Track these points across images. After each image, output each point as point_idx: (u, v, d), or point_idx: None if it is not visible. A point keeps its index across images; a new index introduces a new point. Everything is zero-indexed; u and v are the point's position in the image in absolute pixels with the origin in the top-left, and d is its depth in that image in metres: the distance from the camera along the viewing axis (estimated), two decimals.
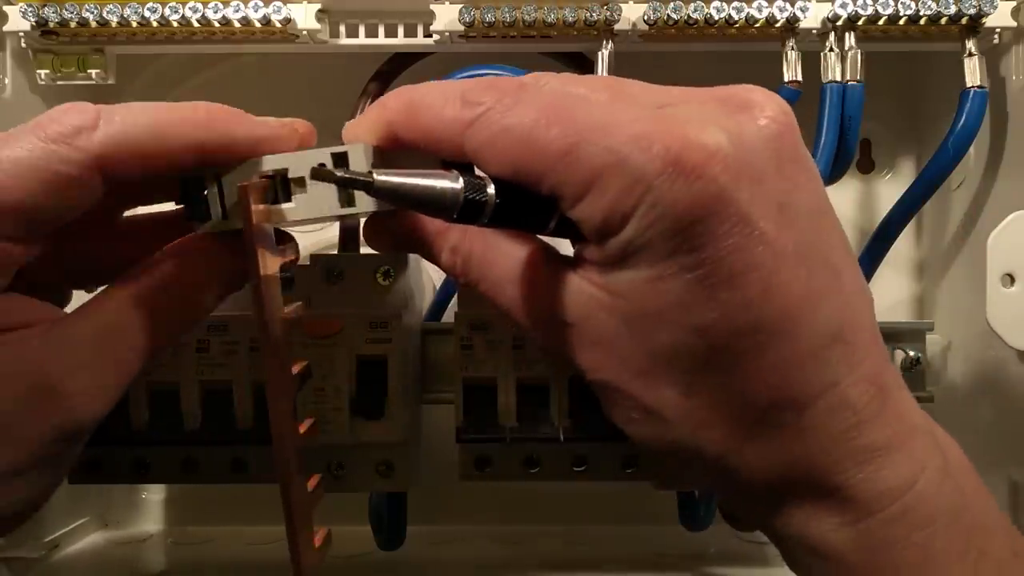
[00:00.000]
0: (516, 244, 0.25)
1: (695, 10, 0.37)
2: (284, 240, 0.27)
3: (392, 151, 0.26)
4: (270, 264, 0.25)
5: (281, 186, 0.25)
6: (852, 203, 0.47)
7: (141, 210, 0.31)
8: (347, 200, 0.25)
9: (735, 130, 0.21)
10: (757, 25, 0.38)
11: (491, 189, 0.23)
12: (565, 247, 0.25)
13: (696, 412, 0.23)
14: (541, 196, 0.23)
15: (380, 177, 0.22)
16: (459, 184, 0.22)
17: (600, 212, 0.22)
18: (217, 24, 0.38)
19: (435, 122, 0.24)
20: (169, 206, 0.29)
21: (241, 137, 0.26)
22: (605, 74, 0.38)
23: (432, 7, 0.38)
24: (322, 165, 0.25)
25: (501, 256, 0.25)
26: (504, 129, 0.22)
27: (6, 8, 0.38)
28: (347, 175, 0.22)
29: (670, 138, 0.21)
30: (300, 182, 0.25)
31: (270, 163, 0.26)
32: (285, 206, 0.26)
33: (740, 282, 0.21)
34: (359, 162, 0.25)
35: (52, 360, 0.25)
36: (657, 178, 0.21)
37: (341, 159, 0.25)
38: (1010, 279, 0.35)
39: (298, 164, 0.25)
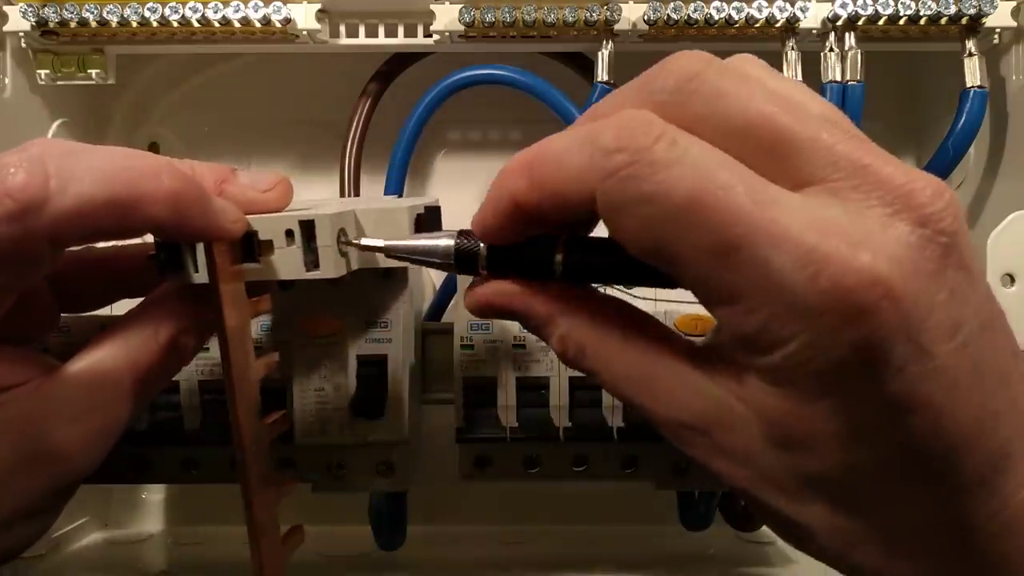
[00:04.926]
0: (632, 338, 0.22)
1: (695, 10, 0.37)
2: (259, 292, 0.27)
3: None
4: (241, 317, 0.26)
5: (252, 246, 0.26)
6: None
7: None
8: (312, 264, 0.26)
9: (906, 253, 0.18)
10: (757, 25, 0.38)
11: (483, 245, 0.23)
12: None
13: (848, 532, 0.21)
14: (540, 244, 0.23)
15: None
16: (452, 240, 0.24)
17: (745, 327, 0.19)
18: (217, 24, 0.38)
19: (559, 174, 0.20)
20: None
21: (190, 231, 0.25)
22: (605, 75, 0.38)
23: (432, 7, 0.38)
24: (289, 231, 0.26)
25: (617, 351, 0.22)
26: (647, 198, 0.19)
27: (6, 8, 0.38)
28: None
29: (837, 267, 0.18)
30: (268, 245, 0.26)
31: None
32: (252, 266, 0.26)
33: (906, 421, 0.19)
34: (324, 232, 0.26)
35: (45, 417, 0.25)
36: (820, 317, 0.18)
37: (308, 227, 0.26)
38: (1010, 279, 0.35)
39: (267, 228, 0.26)
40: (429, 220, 0.30)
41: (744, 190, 0.19)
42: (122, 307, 0.29)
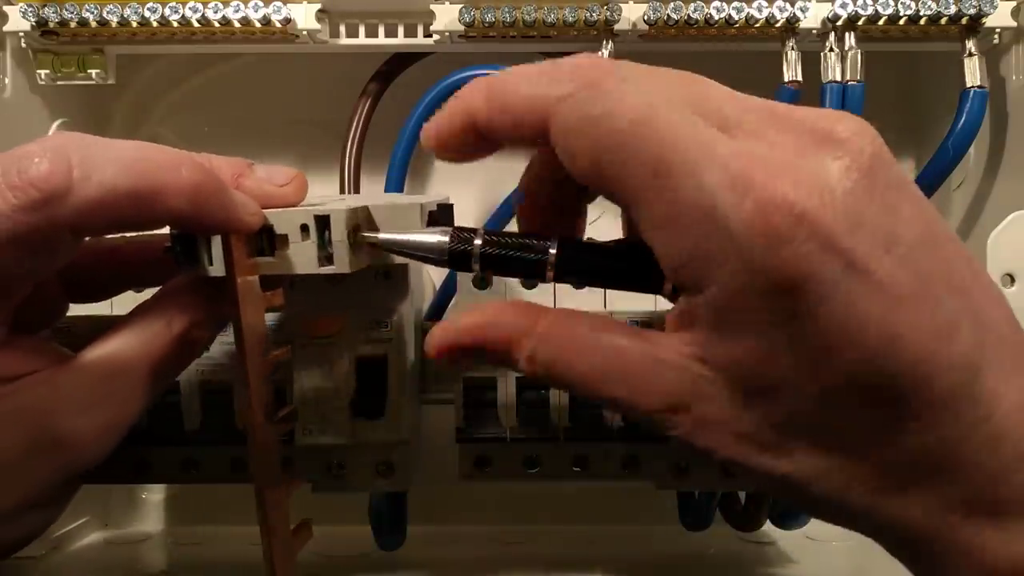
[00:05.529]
0: (596, 338, 0.22)
1: (695, 10, 0.37)
2: (272, 286, 0.27)
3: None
4: (255, 310, 0.26)
5: (267, 240, 0.26)
6: None
7: None
8: (326, 260, 0.26)
9: (823, 178, 0.19)
10: (757, 25, 0.38)
11: (478, 241, 0.24)
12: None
13: (837, 475, 0.21)
14: (533, 250, 0.24)
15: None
16: (446, 237, 0.24)
17: (677, 251, 0.20)
18: (217, 24, 0.38)
19: (515, 95, 0.22)
20: None
21: (209, 223, 0.25)
22: None
23: (432, 7, 0.39)
24: (304, 225, 0.26)
25: (587, 354, 0.22)
26: (595, 120, 0.21)
27: (6, 8, 0.38)
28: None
29: (761, 191, 0.19)
30: (284, 239, 0.26)
31: None
32: (268, 260, 0.27)
33: (860, 339, 0.19)
34: (339, 227, 0.26)
35: (57, 407, 0.25)
36: (744, 239, 0.19)
37: (323, 221, 0.26)
38: (1010, 279, 0.35)
39: (283, 222, 0.26)
40: (442, 218, 0.30)
41: (682, 119, 0.20)
42: (124, 305, 0.29)
